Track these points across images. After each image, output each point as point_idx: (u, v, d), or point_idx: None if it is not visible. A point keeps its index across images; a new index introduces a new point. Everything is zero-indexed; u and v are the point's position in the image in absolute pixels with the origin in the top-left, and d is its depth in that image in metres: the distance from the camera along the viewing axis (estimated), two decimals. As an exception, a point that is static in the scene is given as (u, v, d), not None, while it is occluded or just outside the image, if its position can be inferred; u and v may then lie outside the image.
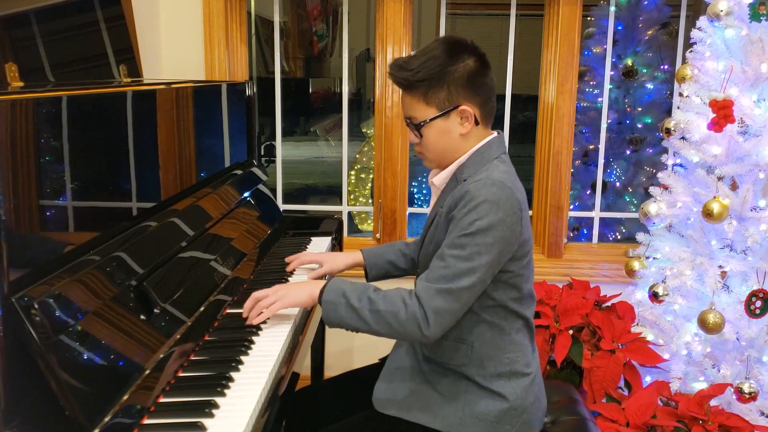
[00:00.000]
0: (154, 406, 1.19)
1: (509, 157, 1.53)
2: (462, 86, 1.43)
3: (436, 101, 1.45)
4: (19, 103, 1.10)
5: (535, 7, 3.03)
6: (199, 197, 1.82)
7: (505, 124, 2.90)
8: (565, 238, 2.88)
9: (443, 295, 1.35)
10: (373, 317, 1.39)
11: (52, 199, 1.20)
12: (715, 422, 1.92)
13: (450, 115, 1.45)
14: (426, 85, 1.44)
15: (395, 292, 1.41)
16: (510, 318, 1.48)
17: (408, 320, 1.36)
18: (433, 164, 1.55)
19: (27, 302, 1.05)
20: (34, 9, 1.69)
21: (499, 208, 1.36)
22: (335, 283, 1.47)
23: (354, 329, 1.43)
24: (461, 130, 1.46)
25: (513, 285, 1.45)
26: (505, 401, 1.46)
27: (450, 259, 1.36)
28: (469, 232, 1.35)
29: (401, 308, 1.37)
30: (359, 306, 1.40)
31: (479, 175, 1.42)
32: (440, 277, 1.37)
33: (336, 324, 1.45)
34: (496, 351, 1.47)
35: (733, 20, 2.12)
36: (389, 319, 1.37)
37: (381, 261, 1.81)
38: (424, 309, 1.35)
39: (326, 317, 1.45)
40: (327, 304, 1.44)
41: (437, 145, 1.49)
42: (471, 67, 1.44)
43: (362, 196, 4.68)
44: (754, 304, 2.08)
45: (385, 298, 1.39)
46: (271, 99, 2.94)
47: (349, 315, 1.41)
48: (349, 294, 1.42)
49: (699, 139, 2.17)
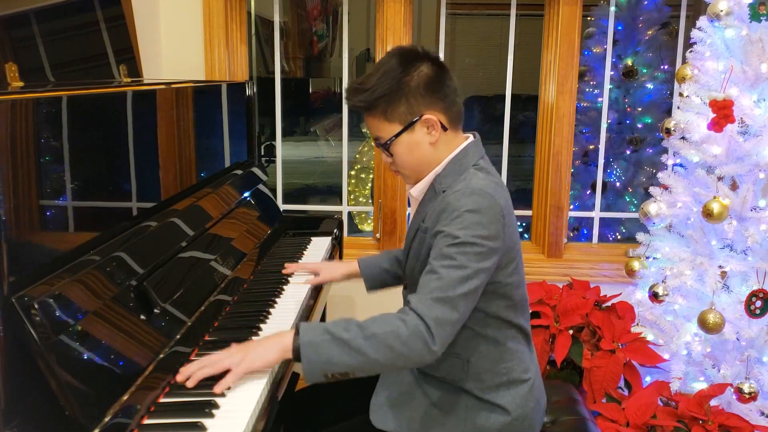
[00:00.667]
0: (154, 406, 1.19)
1: (488, 160, 1.47)
2: (420, 95, 1.38)
3: (398, 116, 1.39)
4: (19, 103, 1.10)
5: (535, 7, 3.03)
6: (199, 197, 1.82)
7: (505, 124, 2.90)
8: (565, 238, 2.88)
9: (441, 304, 1.26)
10: (370, 344, 1.23)
11: (52, 199, 1.20)
12: (715, 422, 1.92)
13: (415, 127, 1.40)
14: (385, 102, 1.38)
15: (382, 315, 1.29)
16: (504, 328, 1.44)
17: (411, 336, 1.24)
18: (411, 180, 1.49)
19: (27, 302, 1.05)
20: (34, 9, 1.69)
21: (483, 216, 1.32)
22: (309, 324, 1.30)
23: (345, 371, 1.24)
24: (430, 140, 1.41)
25: (502, 294, 1.41)
26: (507, 414, 1.43)
27: (442, 270, 1.29)
28: (455, 242, 1.30)
29: (400, 325, 1.25)
30: (349, 337, 1.23)
31: (458, 185, 1.38)
32: (435, 288, 1.28)
33: (320, 371, 1.24)
34: (493, 363, 1.43)
35: (733, 20, 2.12)
36: (390, 342, 1.23)
37: (377, 270, 1.79)
38: (425, 321, 1.25)
39: (309, 365, 1.23)
40: (307, 347, 1.24)
41: (410, 160, 1.44)
42: (426, 74, 1.39)
43: (362, 196, 4.68)
44: (754, 304, 2.08)
45: (376, 321, 1.27)
46: (271, 99, 2.94)
47: (339, 351, 1.23)
48: (332, 329, 1.25)
49: (699, 139, 2.17)
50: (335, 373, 1.25)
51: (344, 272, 1.86)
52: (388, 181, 2.83)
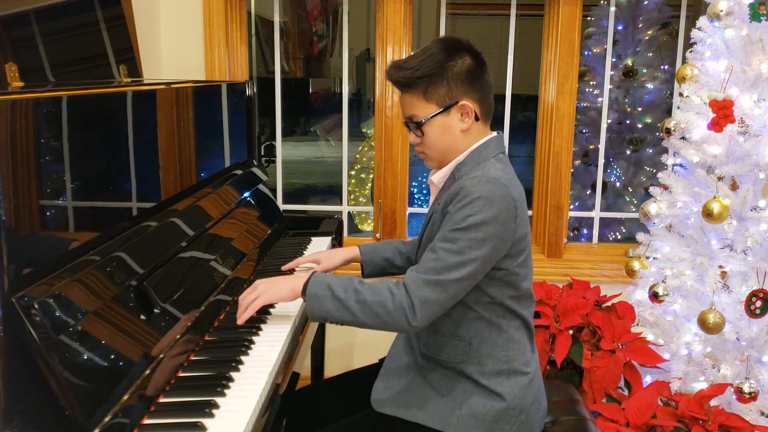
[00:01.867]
0: (154, 406, 1.19)
1: (508, 157, 1.53)
2: (461, 82, 1.45)
3: (436, 97, 1.45)
4: (19, 103, 1.10)
5: (535, 7, 3.04)
6: (199, 197, 1.82)
7: (505, 124, 2.90)
8: (565, 238, 2.88)
9: (431, 286, 1.36)
10: (360, 308, 1.38)
11: (52, 199, 1.20)
12: (715, 422, 1.92)
13: (451, 111, 1.46)
14: (426, 82, 1.45)
15: (381, 283, 1.41)
16: (508, 316, 1.48)
17: (395, 310, 1.36)
18: (434, 163, 1.55)
19: (27, 302, 1.05)
20: (34, 9, 1.69)
21: (493, 205, 1.36)
22: (319, 276, 1.46)
23: (339, 322, 1.42)
24: (462, 126, 1.47)
25: (509, 283, 1.45)
26: (503, 401, 1.46)
27: (441, 252, 1.37)
28: (461, 227, 1.36)
29: (388, 298, 1.37)
30: (345, 297, 1.39)
31: (475, 173, 1.43)
32: (430, 268, 1.37)
33: (320, 317, 1.44)
34: (494, 348, 1.47)
35: (733, 20, 2.12)
36: (376, 309, 1.37)
37: (377, 258, 1.81)
38: (411, 299, 1.36)
39: (310, 311, 1.44)
40: (311, 297, 1.43)
41: (439, 143, 1.49)
42: (469, 63, 1.46)
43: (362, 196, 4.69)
44: (754, 304, 2.08)
45: (371, 289, 1.39)
46: (271, 99, 2.94)
47: (335, 307, 1.40)
48: (334, 286, 1.41)
49: (699, 139, 2.17)
50: (331, 321, 1.44)
51: (344, 257, 1.86)
52: (388, 181, 2.83)
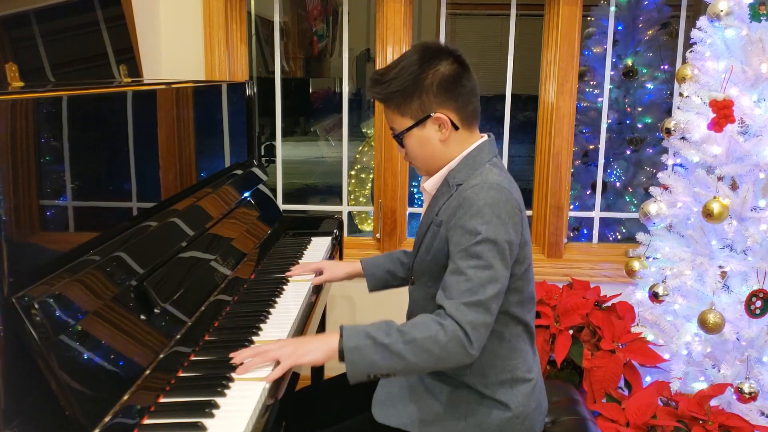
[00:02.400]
0: (154, 406, 1.19)
1: (501, 160, 1.51)
2: (433, 94, 1.41)
3: (410, 111, 1.43)
4: (19, 103, 1.10)
5: (535, 7, 3.04)
6: (199, 197, 1.82)
7: (505, 124, 2.90)
8: (565, 238, 2.88)
9: (475, 309, 1.29)
10: (411, 349, 1.27)
11: (52, 199, 1.20)
12: (715, 422, 1.92)
13: (425, 124, 1.44)
14: (399, 97, 1.42)
15: (421, 318, 1.32)
16: (510, 324, 1.46)
17: (450, 341, 1.27)
18: (422, 171, 1.54)
19: (27, 302, 1.05)
20: (34, 9, 1.69)
21: (501, 211, 1.35)
22: (352, 327, 1.33)
23: (387, 372, 1.30)
24: (440, 137, 1.44)
25: (515, 289, 1.43)
26: (508, 410, 1.44)
27: (470, 271, 1.31)
28: (479, 240, 1.32)
29: (438, 330, 1.28)
30: (390, 342, 1.27)
31: (474, 180, 1.40)
32: (465, 291, 1.30)
33: (364, 372, 1.29)
34: (497, 359, 1.45)
35: (733, 20, 2.12)
36: (429, 346, 1.27)
37: (380, 271, 1.80)
38: (462, 326, 1.28)
39: (352, 368, 1.29)
40: (351, 352, 1.28)
41: (420, 154, 1.48)
42: (442, 74, 1.41)
43: (362, 196, 4.69)
44: (754, 304, 2.08)
45: (415, 326, 1.30)
46: (271, 99, 2.94)
47: (381, 355, 1.27)
48: (373, 333, 1.29)
49: (699, 139, 2.17)
50: (377, 374, 1.31)
51: (347, 271, 1.87)
52: (388, 181, 2.83)
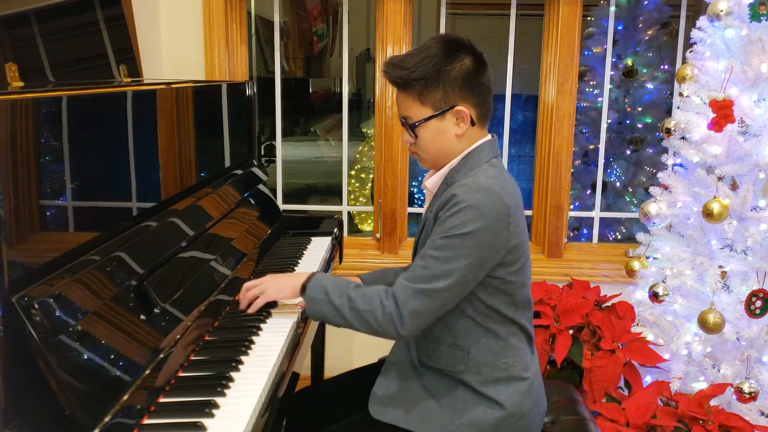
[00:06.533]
0: (154, 406, 1.19)
1: (501, 161, 1.51)
2: (458, 86, 1.41)
3: (432, 101, 1.42)
4: (19, 103, 1.10)
5: (535, 7, 3.04)
6: (199, 197, 1.82)
7: (505, 124, 2.90)
8: (565, 238, 2.88)
9: (420, 296, 1.37)
10: (353, 315, 1.43)
11: (52, 199, 1.20)
12: (715, 422, 1.92)
13: (445, 116, 1.43)
14: (422, 84, 1.41)
15: (374, 290, 1.43)
16: (506, 323, 1.46)
17: (384, 321, 1.39)
18: (428, 164, 1.53)
19: (27, 302, 1.05)
20: (34, 9, 1.69)
21: (483, 214, 1.34)
22: (318, 278, 1.51)
23: (335, 325, 1.48)
24: (457, 131, 1.44)
25: (504, 291, 1.43)
26: (502, 409, 1.44)
27: (429, 260, 1.38)
28: (449, 234, 1.36)
29: (378, 308, 1.40)
30: (339, 303, 1.44)
31: (466, 180, 1.41)
32: (418, 276, 1.38)
33: (318, 319, 1.55)
34: (493, 356, 1.45)
35: (733, 20, 2.12)
36: (367, 318, 1.41)
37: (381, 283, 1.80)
38: (400, 309, 1.38)
39: (308, 312, 1.51)
40: (308, 300, 1.50)
41: (432, 146, 1.47)
42: (468, 67, 1.42)
43: (362, 196, 4.68)
44: (754, 304, 2.08)
45: (364, 297, 1.42)
46: (271, 99, 2.94)
47: (330, 312, 1.46)
48: (330, 291, 1.46)
49: (699, 139, 2.17)
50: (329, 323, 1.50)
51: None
52: (388, 181, 2.83)
